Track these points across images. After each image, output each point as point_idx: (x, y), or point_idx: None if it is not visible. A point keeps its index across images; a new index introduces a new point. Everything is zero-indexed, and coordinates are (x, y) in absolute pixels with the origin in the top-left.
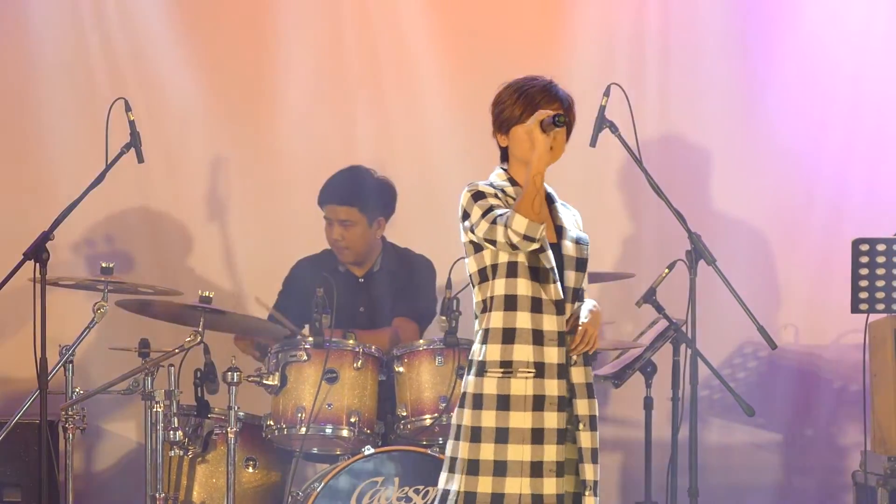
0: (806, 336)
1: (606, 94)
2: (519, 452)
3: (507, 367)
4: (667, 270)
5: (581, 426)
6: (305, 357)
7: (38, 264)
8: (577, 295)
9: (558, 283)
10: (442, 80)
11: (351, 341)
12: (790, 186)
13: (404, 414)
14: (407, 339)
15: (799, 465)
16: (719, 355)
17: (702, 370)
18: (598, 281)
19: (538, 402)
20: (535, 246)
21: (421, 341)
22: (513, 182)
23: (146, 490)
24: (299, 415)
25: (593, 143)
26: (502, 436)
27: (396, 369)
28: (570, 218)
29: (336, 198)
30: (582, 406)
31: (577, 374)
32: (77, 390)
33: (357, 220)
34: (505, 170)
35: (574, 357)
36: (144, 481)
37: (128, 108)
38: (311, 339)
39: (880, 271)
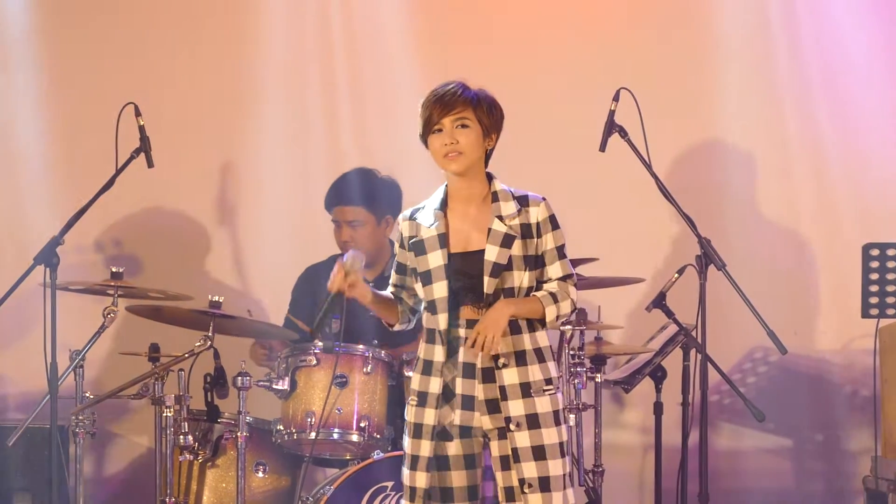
0: (816, 341)
1: (616, 98)
2: (404, 475)
3: (412, 393)
4: (676, 275)
5: (513, 426)
6: (315, 362)
7: (48, 269)
8: (502, 297)
9: (446, 314)
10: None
11: (360, 346)
12: (800, 190)
13: None
14: None
15: (809, 471)
16: (729, 360)
17: (712, 375)
18: (607, 286)
19: (416, 430)
20: None
21: None
22: (443, 203)
23: (156, 494)
24: (309, 419)
25: (603, 148)
26: (405, 458)
27: (406, 374)
28: (511, 212)
29: (343, 199)
30: (515, 407)
31: (510, 376)
32: (87, 395)
33: (365, 220)
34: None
35: (502, 360)
36: (154, 486)
37: (137, 113)
38: (320, 343)
39: (891, 276)
